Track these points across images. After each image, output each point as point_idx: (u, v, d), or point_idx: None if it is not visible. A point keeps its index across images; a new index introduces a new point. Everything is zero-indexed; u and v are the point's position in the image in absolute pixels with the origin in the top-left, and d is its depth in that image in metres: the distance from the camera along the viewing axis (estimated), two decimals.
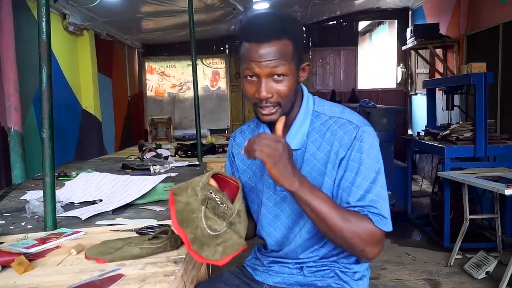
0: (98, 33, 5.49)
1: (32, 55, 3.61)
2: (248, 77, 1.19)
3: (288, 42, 1.17)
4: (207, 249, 1.03)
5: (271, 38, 1.15)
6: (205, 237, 1.04)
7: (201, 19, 5.78)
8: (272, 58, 1.15)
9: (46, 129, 1.36)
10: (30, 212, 1.63)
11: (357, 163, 1.18)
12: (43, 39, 1.36)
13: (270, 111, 1.19)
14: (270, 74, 1.16)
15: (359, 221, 1.14)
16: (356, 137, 1.19)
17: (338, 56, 7.87)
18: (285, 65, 1.16)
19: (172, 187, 1.14)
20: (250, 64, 1.17)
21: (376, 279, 3.29)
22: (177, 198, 1.10)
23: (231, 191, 1.20)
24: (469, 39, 5.18)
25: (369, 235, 1.14)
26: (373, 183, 1.17)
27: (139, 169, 2.67)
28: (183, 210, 1.08)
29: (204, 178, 1.13)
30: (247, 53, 1.17)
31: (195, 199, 1.09)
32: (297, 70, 1.21)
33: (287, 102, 1.20)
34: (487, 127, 3.78)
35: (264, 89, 1.16)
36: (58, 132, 4.31)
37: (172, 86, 7.85)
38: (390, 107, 5.51)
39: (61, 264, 1.12)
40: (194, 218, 1.06)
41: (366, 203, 1.16)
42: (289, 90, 1.18)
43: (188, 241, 1.03)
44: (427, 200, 5.29)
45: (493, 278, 3.18)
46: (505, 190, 2.83)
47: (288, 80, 1.18)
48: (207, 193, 1.10)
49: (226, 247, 1.04)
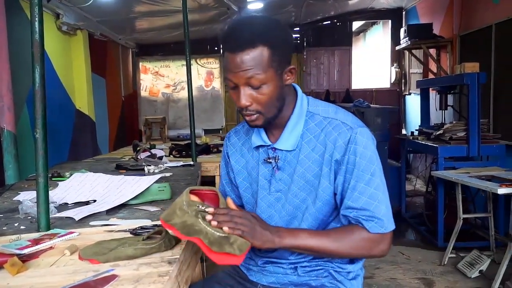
0: (92, 33, 5.47)
1: (25, 55, 3.59)
2: (230, 87, 1.20)
3: (264, 48, 1.14)
4: (227, 247, 1.04)
5: (245, 47, 1.14)
6: (218, 239, 1.06)
7: (195, 19, 5.77)
8: (247, 67, 1.14)
9: (39, 129, 1.36)
10: (23, 213, 1.62)
11: (352, 165, 1.19)
12: (36, 39, 1.36)
13: (252, 118, 1.21)
14: (246, 83, 1.17)
15: (351, 234, 1.19)
16: (350, 139, 1.20)
17: (333, 56, 7.88)
18: (260, 74, 1.15)
19: (161, 216, 1.16)
20: (228, 74, 1.18)
21: (371, 278, 3.30)
22: (171, 223, 1.11)
23: (212, 200, 1.21)
24: (462, 39, 5.21)
25: (368, 242, 1.18)
26: (367, 185, 1.18)
27: (133, 169, 2.67)
28: (184, 227, 1.09)
29: (184, 196, 1.15)
30: (226, 63, 1.19)
31: (188, 216, 1.10)
32: (279, 74, 1.19)
33: (268, 109, 1.20)
34: (480, 127, 3.80)
35: (242, 98, 1.18)
36: (52, 132, 4.28)
37: (166, 86, 7.83)
38: (384, 107, 5.54)
39: (55, 265, 1.12)
40: (198, 229, 1.07)
41: (360, 205, 1.18)
42: (268, 98, 1.18)
43: (206, 245, 1.04)
44: (421, 199, 5.31)
45: (486, 276, 3.20)
46: (498, 189, 2.85)
47: (267, 88, 1.17)
48: (195, 207, 1.12)
49: (239, 245, 1.06)
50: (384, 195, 1.20)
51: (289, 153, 1.27)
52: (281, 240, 1.16)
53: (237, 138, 1.43)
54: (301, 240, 1.17)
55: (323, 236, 1.19)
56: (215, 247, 1.04)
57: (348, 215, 1.20)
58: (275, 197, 1.30)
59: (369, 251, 1.19)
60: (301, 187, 1.25)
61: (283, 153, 1.28)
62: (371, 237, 1.18)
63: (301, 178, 1.25)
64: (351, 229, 1.19)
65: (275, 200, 1.30)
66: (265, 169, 1.31)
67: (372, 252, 1.20)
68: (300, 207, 1.26)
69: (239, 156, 1.40)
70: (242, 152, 1.39)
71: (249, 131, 1.39)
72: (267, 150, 1.31)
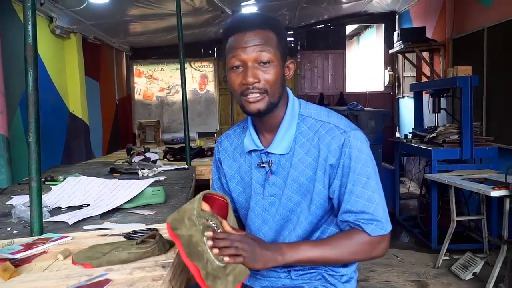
0: (86, 36, 5.45)
1: (19, 58, 3.58)
2: (234, 68, 1.19)
3: (272, 34, 1.19)
4: (220, 282, 1.03)
5: (256, 27, 1.18)
6: (215, 270, 1.04)
7: (189, 22, 5.77)
8: (258, 43, 1.16)
9: (32, 133, 1.35)
10: (16, 217, 1.61)
11: (347, 169, 1.19)
12: (29, 42, 1.35)
13: (256, 98, 1.19)
14: (256, 59, 1.17)
15: (351, 239, 1.18)
16: (344, 143, 1.19)
17: (326, 60, 7.91)
18: (270, 51, 1.17)
19: (168, 219, 1.13)
20: (236, 51, 1.18)
21: (365, 281, 3.31)
22: (178, 233, 1.09)
23: (221, 208, 1.18)
24: (455, 43, 5.25)
25: (369, 245, 1.18)
26: (364, 188, 1.18)
27: (127, 173, 2.66)
28: (189, 243, 1.07)
29: (196, 204, 1.11)
30: (233, 43, 1.19)
31: (196, 230, 1.07)
32: (283, 61, 1.22)
33: (274, 90, 1.20)
34: (473, 130, 3.83)
35: (250, 74, 1.17)
36: (45, 136, 4.27)
37: (161, 89, 7.82)
38: (377, 110, 5.56)
39: (48, 269, 1.11)
40: (201, 251, 1.05)
41: (358, 208, 1.17)
42: (276, 78, 1.19)
43: (201, 277, 1.03)
44: (414, 202, 5.33)
45: (480, 278, 3.22)
46: (491, 192, 2.87)
47: (274, 67, 1.18)
48: (204, 221, 1.09)
49: (235, 276, 1.04)
50: (380, 197, 1.20)
51: (282, 156, 1.26)
52: (283, 257, 1.14)
53: (228, 143, 1.42)
54: (303, 253, 1.15)
55: (324, 245, 1.18)
56: (209, 282, 1.02)
57: (347, 219, 1.19)
58: (269, 201, 1.29)
59: (370, 254, 1.19)
60: (295, 190, 1.25)
61: (277, 157, 1.27)
62: (371, 240, 1.18)
63: (295, 182, 1.24)
64: (351, 234, 1.19)
65: (269, 205, 1.29)
66: (258, 174, 1.30)
67: (372, 254, 1.20)
68: (294, 210, 1.26)
69: (232, 161, 1.39)
70: (234, 157, 1.38)
71: (241, 135, 1.38)
72: (260, 155, 1.30)
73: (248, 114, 1.27)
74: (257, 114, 1.22)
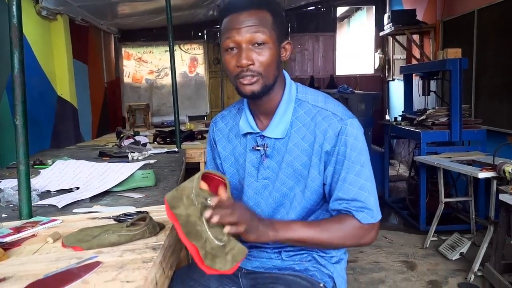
0: (73, 18, 5.35)
1: (4, 43, 3.52)
2: (228, 50, 1.18)
3: (268, 14, 1.17)
4: (219, 261, 1.03)
5: (251, 6, 1.16)
6: (214, 249, 1.04)
7: (178, 4, 5.69)
8: (252, 24, 1.15)
9: (19, 116, 1.33)
10: (5, 201, 1.60)
11: (342, 156, 1.19)
12: (14, 23, 1.32)
13: (251, 81, 1.17)
14: (250, 41, 1.15)
15: (343, 225, 1.19)
16: (341, 131, 1.19)
17: (317, 42, 7.87)
18: (265, 32, 1.15)
19: (166, 197, 1.11)
20: (230, 32, 1.16)
21: (354, 262, 3.35)
22: (176, 212, 1.07)
23: (217, 187, 1.16)
24: (445, 25, 5.25)
25: (359, 231, 1.19)
26: (357, 176, 1.18)
27: (117, 157, 2.65)
28: (186, 223, 1.06)
29: (194, 183, 1.10)
30: (228, 24, 1.18)
31: (194, 209, 1.07)
32: (278, 43, 1.20)
33: (268, 72, 1.18)
34: (462, 112, 3.86)
35: (244, 56, 1.15)
36: (33, 120, 4.22)
37: (150, 72, 7.74)
38: (367, 93, 5.57)
39: (37, 252, 1.11)
40: (199, 230, 1.05)
41: (350, 196, 1.18)
42: (271, 60, 1.17)
43: (200, 256, 1.03)
44: (403, 184, 5.39)
45: (467, 259, 3.28)
46: (478, 174, 2.90)
47: (269, 49, 1.17)
48: (203, 200, 1.08)
49: (234, 255, 1.04)
50: (372, 185, 1.21)
51: (277, 141, 1.26)
52: (276, 233, 1.13)
53: (224, 124, 1.40)
54: (294, 232, 1.15)
55: (315, 226, 1.18)
56: (208, 261, 1.02)
57: (338, 207, 1.20)
58: (262, 184, 1.29)
59: (359, 240, 1.20)
60: (289, 175, 1.25)
61: (272, 141, 1.27)
62: (361, 227, 1.18)
63: (289, 166, 1.24)
64: (342, 219, 1.19)
65: (262, 188, 1.29)
66: (253, 156, 1.30)
67: (362, 241, 1.21)
68: (287, 195, 1.26)
69: (226, 142, 1.38)
70: (229, 138, 1.37)
71: (236, 116, 1.37)
72: (256, 138, 1.29)
73: (243, 97, 1.25)
74: (251, 96, 1.20)
